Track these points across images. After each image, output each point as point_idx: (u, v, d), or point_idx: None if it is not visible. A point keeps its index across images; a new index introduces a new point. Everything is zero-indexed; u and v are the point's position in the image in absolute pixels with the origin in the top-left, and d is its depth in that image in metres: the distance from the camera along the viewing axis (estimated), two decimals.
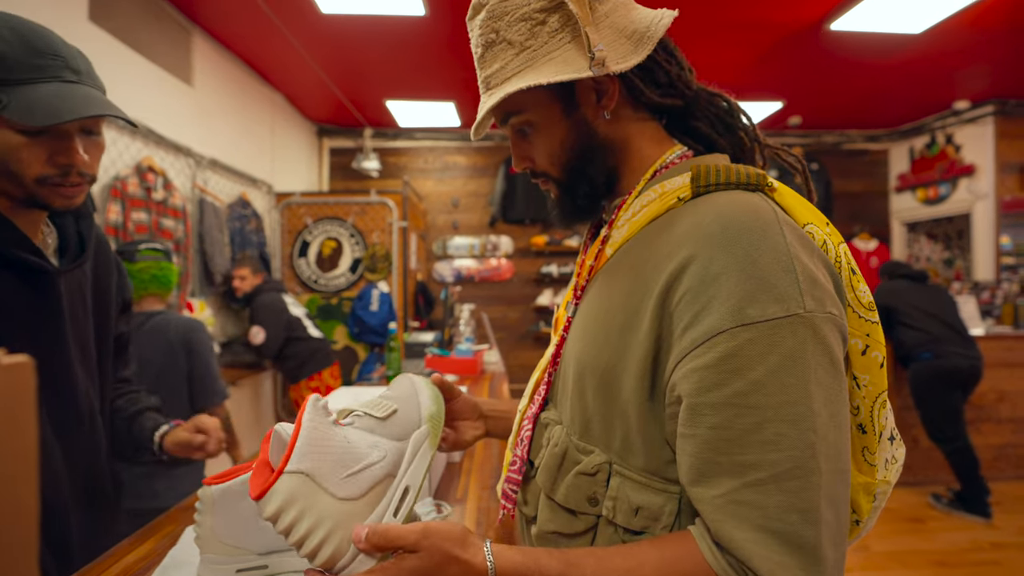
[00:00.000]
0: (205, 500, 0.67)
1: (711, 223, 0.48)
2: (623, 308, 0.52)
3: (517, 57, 0.55)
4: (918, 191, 4.61)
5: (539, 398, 0.63)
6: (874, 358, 0.51)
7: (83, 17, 2.11)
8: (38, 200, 0.72)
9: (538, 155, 0.61)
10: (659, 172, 0.57)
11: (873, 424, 0.53)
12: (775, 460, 0.42)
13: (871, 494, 0.55)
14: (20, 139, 0.68)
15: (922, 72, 3.49)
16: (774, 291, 0.44)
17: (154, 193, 2.46)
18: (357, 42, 3.04)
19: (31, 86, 0.66)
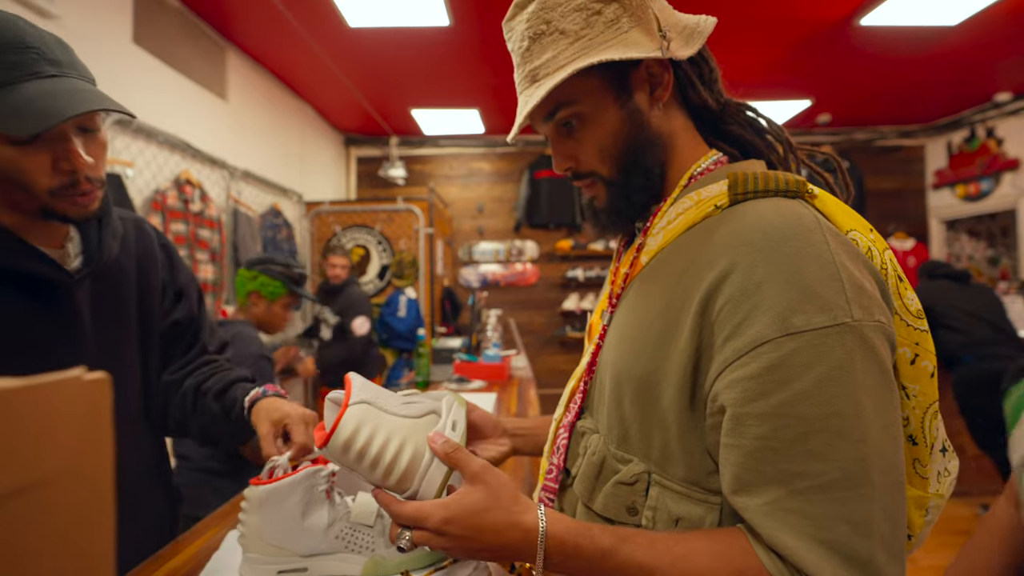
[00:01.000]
0: (251, 500, 0.70)
1: (752, 231, 0.47)
2: (661, 316, 0.51)
3: (572, 46, 0.53)
4: (957, 187, 4.44)
5: (575, 406, 0.62)
6: (924, 367, 0.50)
7: (128, 39, 2.22)
8: (54, 212, 0.68)
9: (586, 151, 0.57)
10: (694, 178, 0.57)
11: (924, 435, 0.51)
12: (822, 470, 0.41)
13: (923, 508, 0.53)
14: (15, 150, 0.62)
15: (959, 64, 3.37)
16: (820, 300, 0.43)
17: (192, 205, 2.55)
18: (383, 53, 3.10)
19: (9, 88, 0.59)
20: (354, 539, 0.72)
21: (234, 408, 0.89)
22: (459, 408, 0.62)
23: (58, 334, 0.74)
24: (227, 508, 0.96)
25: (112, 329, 0.82)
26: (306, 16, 2.65)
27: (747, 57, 3.23)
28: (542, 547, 0.47)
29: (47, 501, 0.21)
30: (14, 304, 0.69)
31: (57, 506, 0.21)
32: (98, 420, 0.23)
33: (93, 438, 0.23)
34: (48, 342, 0.73)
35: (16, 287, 0.70)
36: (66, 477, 0.22)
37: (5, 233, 0.68)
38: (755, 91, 3.76)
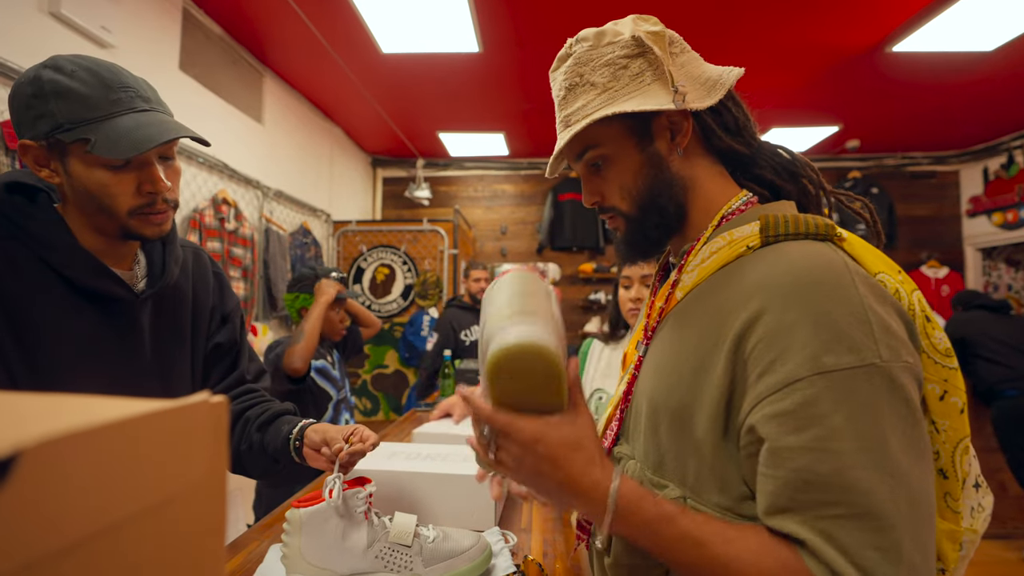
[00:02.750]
0: (293, 522, 0.70)
1: (783, 274, 0.50)
2: (695, 351, 0.54)
3: (599, 96, 0.59)
4: (994, 215, 4.33)
5: (611, 433, 0.64)
6: (953, 403, 0.52)
7: (175, 67, 2.32)
8: (131, 232, 0.76)
9: (609, 189, 0.63)
10: (726, 218, 0.60)
11: (955, 469, 0.52)
12: (854, 501, 0.43)
13: (957, 542, 0.53)
14: (109, 175, 0.71)
15: (996, 90, 3.32)
16: (849, 341, 0.45)
17: (227, 224, 2.63)
18: (414, 79, 3.18)
19: (111, 121, 0.69)
20: (393, 559, 0.71)
21: (277, 439, 0.90)
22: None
23: (122, 348, 0.79)
24: (269, 520, 0.97)
25: (169, 347, 0.87)
26: (341, 42, 2.74)
27: (775, 82, 3.23)
28: (613, 499, 0.49)
29: (177, 515, 0.22)
30: (87, 318, 0.76)
31: (184, 519, 0.22)
32: (220, 439, 0.25)
33: (215, 458, 0.25)
34: (112, 355, 0.78)
35: (91, 303, 0.76)
36: (193, 492, 0.23)
37: (88, 255, 0.75)
38: (783, 116, 3.75)
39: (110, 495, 0.20)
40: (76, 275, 0.74)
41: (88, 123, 0.68)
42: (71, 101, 0.68)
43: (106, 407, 0.21)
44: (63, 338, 0.73)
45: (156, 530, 0.22)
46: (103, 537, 0.20)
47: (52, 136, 0.69)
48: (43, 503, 0.18)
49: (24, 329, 0.70)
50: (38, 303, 0.71)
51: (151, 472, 0.22)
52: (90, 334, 0.76)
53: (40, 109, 0.68)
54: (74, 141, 0.68)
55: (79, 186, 0.72)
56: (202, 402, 0.25)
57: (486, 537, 0.82)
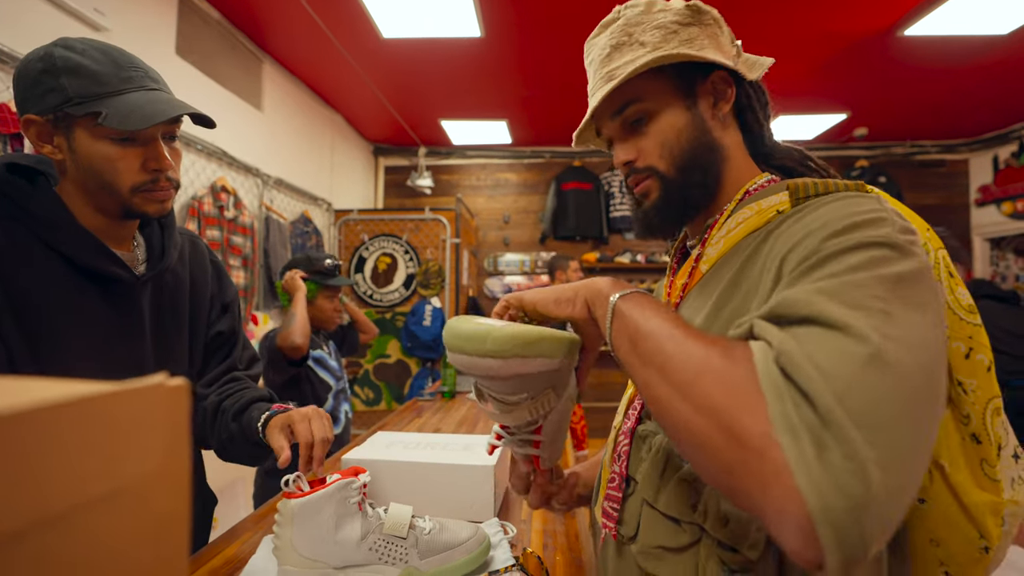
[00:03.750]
0: (285, 513, 0.68)
1: (816, 217, 0.47)
2: (720, 312, 0.51)
3: (649, 54, 0.57)
4: (1004, 204, 4.26)
5: (634, 412, 0.62)
6: (979, 361, 0.49)
7: (171, 52, 2.29)
8: (133, 210, 0.76)
9: (648, 147, 0.60)
10: (749, 193, 0.59)
11: (988, 433, 0.48)
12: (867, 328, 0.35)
13: (999, 515, 0.48)
14: (115, 149, 0.72)
15: (1008, 76, 3.24)
16: (883, 226, 0.42)
17: (226, 212, 2.60)
18: (415, 64, 3.14)
19: (122, 96, 0.70)
20: (387, 551, 0.70)
21: (251, 428, 0.90)
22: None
23: (122, 330, 0.80)
24: (263, 510, 0.96)
25: (168, 332, 0.88)
26: (341, 27, 2.70)
27: (782, 68, 3.17)
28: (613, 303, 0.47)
29: (133, 503, 0.21)
30: (88, 298, 0.76)
31: (141, 507, 0.21)
32: (179, 424, 0.24)
33: (175, 443, 0.23)
34: (113, 337, 0.79)
35: (92, 283, 0.76)
36: (150, 479, 0.22)
37: (88, 235, 0.75)
38: (790, 103, 3.68)
39: (55, 482, 0.19)
40: (77, 254, 0.74)
41: (99, 98, 0.69)
42: (82, 77, 0.69)
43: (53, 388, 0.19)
44: (63, 318, 0.73)
45: (110, 521, 0.20)
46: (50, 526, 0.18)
47: (61, 110, 0.69)
48: None
49: (24, 308, 0.70)
50: (38, 283, 0.71)
51: (102, 458, 0.21)
52: (91, 314, 0.76)
53: (50, 84, 0.69)
54: (84, 115, 0.69)
55: (83, 161, 0.72)
56: (158, 385, 0.23)
57: (484, 529, 0.80)
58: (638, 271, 4.66)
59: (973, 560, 0.49)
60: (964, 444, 0.49)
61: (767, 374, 0.36)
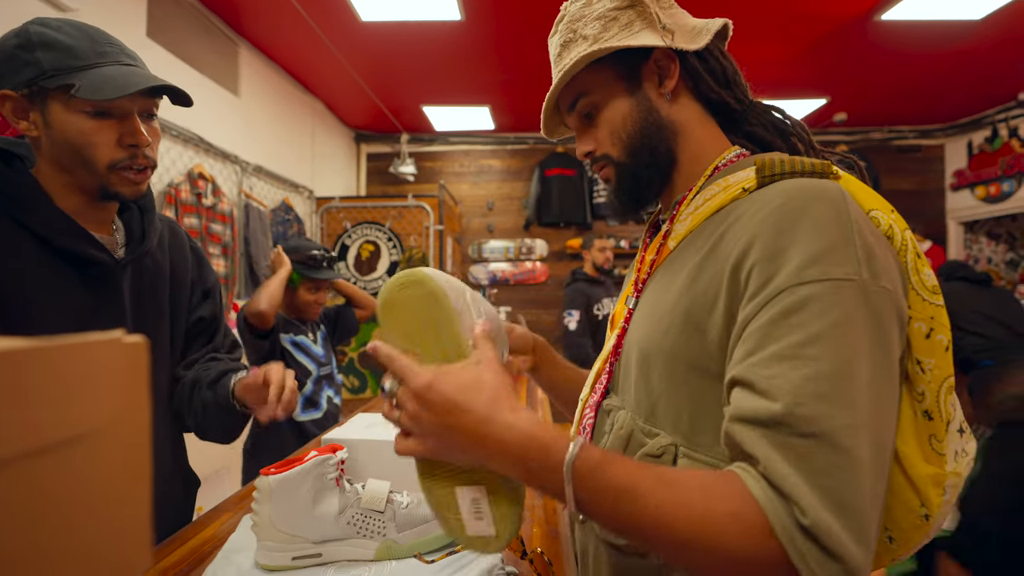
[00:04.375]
0: (263, 489, 0.69)
1: (779, 204, 0.49)
2: (687, 292, 0.53)
3: (591, 47, 0.60)
4: (977, 188, 4.36)
5: (600, 387, 0.64)
6: (939, 341, 0.50)
7: (142, 33, 2.23)
8: (109, 189, 0.76)
9: (601, 136, 0.63)
10: (718, 169, 0.60)
11: (940, 411, 0.51)
12: (829, 415, 0.41)
13: (940, 486, 0.51)
14: (91, 123, 0.71)
15: (982, 62, 3.30)
16: (835, 256, 0.45)
17: (204, 199, 2.56)
18: (395, 48, 3.10)
19: (96, 69, 0.70)
20: (365, 524, 0.71)
21: (224, 393, 0.89)
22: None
23: (101, 315, 0.79)
24: (243, 492, 0.97)
25: (148, 317, 0.87)
26: (318, 10, 2.65)
27: (761, 54, 3.19)
28: (570, 466, 0.43)
29: (89, 455, 0.21)
30: (67, 282, 0.75)
31: (98, 461, 0.22)
32: (137, 380, 0.24)
33: (132, 397, 0.24)
34: (91, 321, 0.78)
35: (70, 267, 0.75)
36: (107, 433, 0.22)
37: (66, 217, 0.74)
38: (770, 89, 3.71)
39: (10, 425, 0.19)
40: (53, 236, 0.73)
41: (73, 71, 0.69)
42: (57, 51, 0.69)
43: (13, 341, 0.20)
44: (40, 302, 0.72)
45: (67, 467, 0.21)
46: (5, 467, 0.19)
47: (35, 83, 0.68)
48: None
49: (2, 292, 0.69)
50: (15, 266, 0.70)
51: (59, 405, 0.21)
52: (69, 298, 0.75)
53: (25, 58, 0.68)
54: (57, 88, 0.68)
55: (58, 136, 0.71)
56: (115, 340, 0.24)
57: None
58: (621, 257, 4.69)
59: (915, 527, 0.52)
60: (916, 420, 0.51)
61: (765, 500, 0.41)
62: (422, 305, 0.50)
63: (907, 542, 0.53)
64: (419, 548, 0.71)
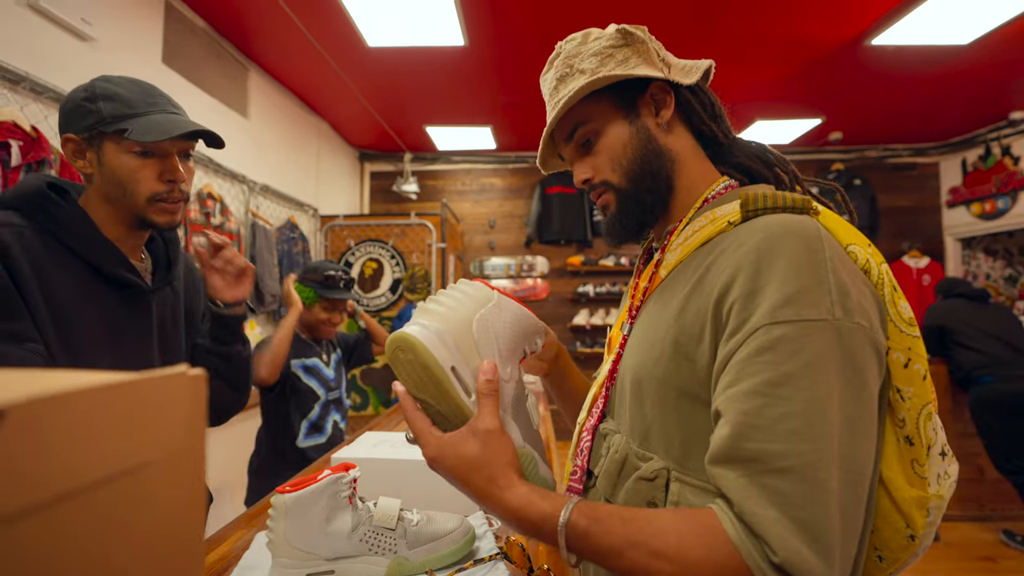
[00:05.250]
0: (279, 507, 0.72)
1: (759, 240, 0.52)
2: (676, 322, 0.56)
3: (588, 80, 0.62)
4: (973, 205, 4.42)
5: (597, 411, 0.66)
6: (916, 370, 0.53)
7: (157, 60, 2.30)
8: (146, 219, 0.86)
9: (600, 163, 0.65)
10: (708, 201, 0.63)
11: (920, 436, 0.54)
12: (800, 450, 0.45)
13: (924, 508, 0.54)
14: (137, 161, 0.83)
15: (973, 83, 3.38)
16: (808, 297, 0.48)
17: (212, 218, 2.61)
18: (400, 72, 3.18)
19: (147, 116, 0.83)
20: (377, 542, 0.73)
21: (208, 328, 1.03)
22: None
23: (137, 334, 0.88)
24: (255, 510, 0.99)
25: (169, 340, 0.95)
26: (326, 36, 2.73)
27: (758, 75, 3.27)
28: (563, 534, 0.49)
29: (151, 486, 0.23)
30: (109, 304, 0.84)
31: (159, 492, 0.23)
32: (197, 412, 0.26)
33: (193, 428, 0.26)
34: (130, 341, 0.86)
35: (111, 290, 0.85)
36: (172, 461, 0.24)
37: (112, 246, 0.85)
38: (766, 109, 3.79)
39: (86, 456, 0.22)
40: (102, 263, 0.83)
41: (127, 117, 0.81)
42: (115, 101, 0.81)
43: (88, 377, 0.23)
44: (89, 322, 0.81)
45: (131, 495, 0.23)
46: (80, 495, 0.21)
47: (94, 129, 0.81)
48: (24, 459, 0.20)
49: (58, 312, 0.78)
50: (69, 289, 0.79)
51: (127, 437, 0.23)
52: (111, 319, 0.84)
53: (89, 108, 0.81)
54: (113, 132, 0.81)
55: (108, 172, 0.83)
56: (180, 374, 0.26)
57: (470, 521, 0.84)
58: (622, 274, 4.73)
59: (902, 547, 0.55)
60: (899, 445, 0.54)
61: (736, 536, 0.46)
62: (418, 370, 0.55)
63: (896, 561, 0.57)
64: (429, 565, 0.73)
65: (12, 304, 0.73)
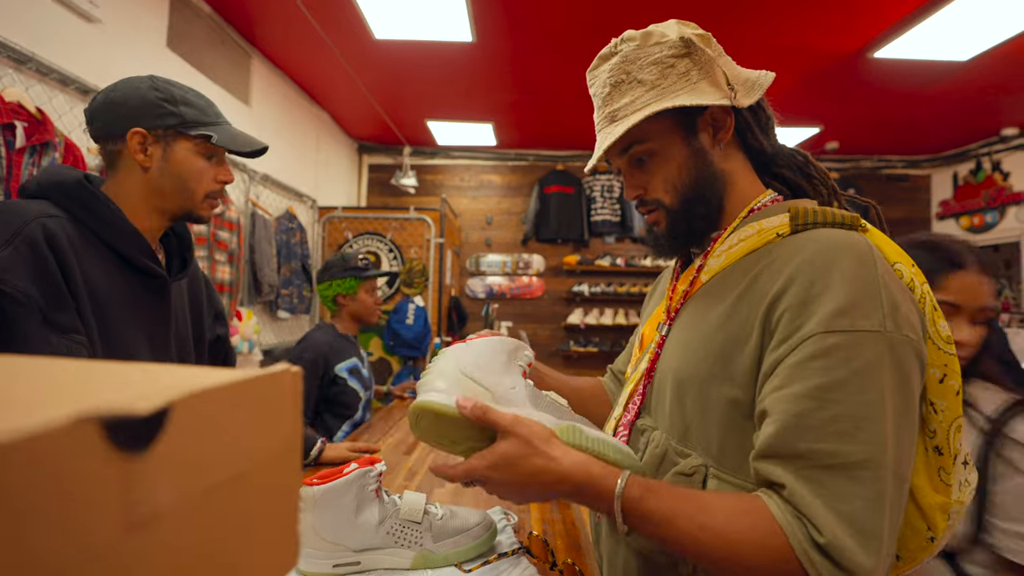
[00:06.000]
0: (307, 499, 0.72)
1: (812, 252, 0.53)
2: (722, 328, 0.57)
3: (648, 93, 0.62)
4: (962, 218, 4.51)
5: (634, 407, 0.67)
6: (951, 386, 0.56)
7: (162, 44, 2.27)
8: (195, 214, 0.93)
9: (654, 183, 0.65)
10: (753, 211, 0.64)
11: (949, 446, 0.56)
12: (849, 451, 0.47)
13: (947, 513, 0.57)
14: (203, 163, 0.90)
15: (968, 99, 3.45)
16: (862, 309, 0.50)
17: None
18: (405, 66, 3.16)
19: (223, 126, 0.91)
20: (403, 534, 0.74)
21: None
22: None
23: (157, 323, 0.90)
24: None
25: (181, 330, 0.97)
26: (334, 26, 2.71)
27: None
28: (620, 500, 0.52)
29: (268, 477, 0.24)
30: (136, 293, 0.87)
31: (272, 483, 0.24)
32: (298, 407, 0.26)
33: (295, 425, 0.26)
34: (154, 329, 0.89)
35: (138, 280, 0.88)
36: (280, 456, 0.24)
37: (142, 238, 0.88)
38: None
39: (231, 448, 0.22)
40: (132, 254, 0.86)
41: (207, 125, 0.89)
42: (194, 108, 0.89)
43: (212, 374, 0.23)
44: (121, 310, 0.84)
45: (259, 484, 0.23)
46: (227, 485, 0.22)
47: (172, 128, 0.86)
48: (187, 450, 0.20)
49: (95, 299, 0.80)
50: (104, 277, 0.82)
51: (256, 431, 0.24)
52: (139, 307, 0.87)
53: (170, 109, 0.86)
54: (197, 136, 0.88)
55: (174, 169, 0.88)
56: (285, 371, 0.27)
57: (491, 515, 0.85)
58: (617, 274, 4.77)
59: (921, 548, 0.58)
60: (927, 454, 0.57)
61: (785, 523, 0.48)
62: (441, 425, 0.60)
63: (912, 560, 0.59)
64: (454, 559, 0.75)
65: (60, 294, 0.73)
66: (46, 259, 0.72)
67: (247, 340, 2.84)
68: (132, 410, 0.18)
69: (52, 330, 0.71)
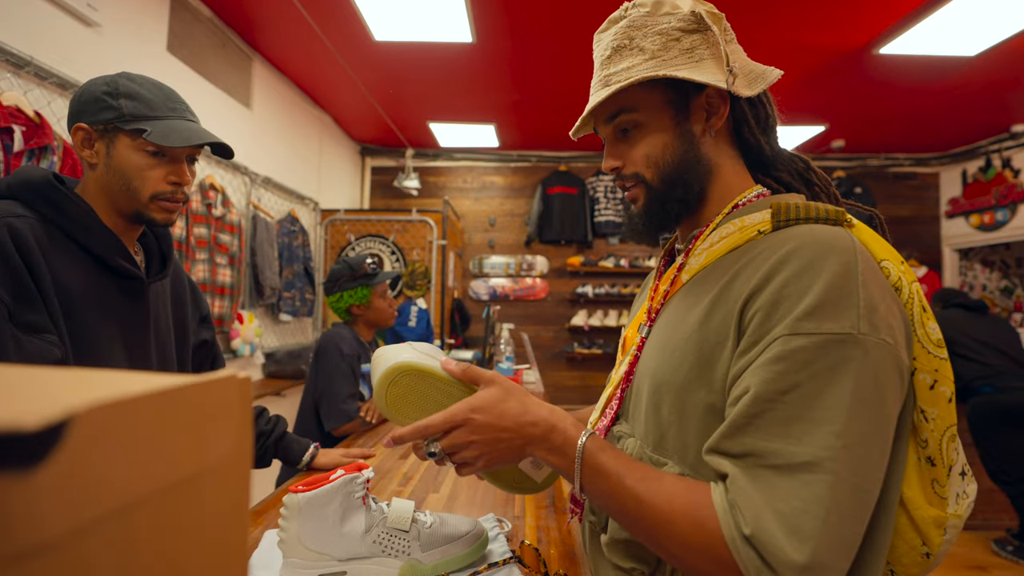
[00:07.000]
0: (291, 507, 0.70)
1: (790, 251, 0.51)
2: (699, 330, 0.55)
3: (647, 62, 0.58)
4: (972, 216, 4.44)
5: (611, 412, 0.65)
6: (942, 392, 0.53)
7: (162, 48, 2.27)
8: (144, 216, 0.86)
9: (635, 156, 0.62)
10: (737, 207, 0.61)
11: (942, 456, 0.53)
12: (795, 452, 0.46)
13: (942, 527, 0.54)
14: (149, 160, 0.84)
15: (976, 95, 3.39)
16: (831, 311, 0.47)
17: (214, 209, 2.58)
18: (406, 67, 3.15)
19: (166, 120, 0.84)
20: (390, 543, 0.72)
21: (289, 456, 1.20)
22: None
23: (136, 327, 0.88)
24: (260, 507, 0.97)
25: (162, 333, 0.95)
26: (333, 28, 2.70)
27: None
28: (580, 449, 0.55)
29: (205, 491, 0.22)
30: (111, 295, 0.85)
31: (212, 497, 0.22)
32: (245, 416, 0.25)
33: (242, 433, 0.25)
34: (130, 333, 0.87)
35: (113, 281, 0.85)
36: (220, 469, 0.23)
37: (115, 237, 0.85)
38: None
39: (149, 464, 0.20)
40: (106, 254, 0.83)
41: (147, 119, 0.83)
42: (137, 101, 0.83)
43: (140, 380, 0.21)
44: (95, 313, 0.82)
45: (188, 502, 0.22)
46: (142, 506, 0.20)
47: (111, 123, 0.82)
48: (90, 469, 0.18)
49: (67, 303, 0.78)
50: (75, 279, 0.80)
51: (185, 443, 0.22)
52: (113, 310, 0.84)
53: (109, 103, 0.82)
54: (132, 130, 0.82)
55: (115, 166, 0.83)
56: (230, 377, 0.25)
57: (483, 523, 0.83)
58: (621, 275, 4.73)
59: (916, 563, 0.55)
60: (919, 465, 0.54)
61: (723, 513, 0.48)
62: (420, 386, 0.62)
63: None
64: (443, 568, 0.72)
65: (29, 295, 0.72)
66: (12, 259, 0.71)
67: (249, 343, 2.84)
68: (17, 425, 0.16)
69: (22, 330, 0.70)
